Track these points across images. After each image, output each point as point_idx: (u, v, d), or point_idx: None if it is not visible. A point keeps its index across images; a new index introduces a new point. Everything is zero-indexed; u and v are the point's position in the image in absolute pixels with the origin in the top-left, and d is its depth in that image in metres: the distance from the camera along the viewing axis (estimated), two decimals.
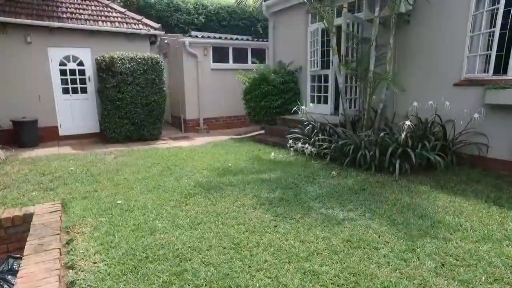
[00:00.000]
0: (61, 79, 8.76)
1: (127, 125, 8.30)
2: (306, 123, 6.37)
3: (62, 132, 8.91)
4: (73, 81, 8.92)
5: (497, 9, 4.98)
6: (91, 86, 9.10)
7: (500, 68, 5.18)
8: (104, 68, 7.93)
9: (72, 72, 8.88)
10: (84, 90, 9.07)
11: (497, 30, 4.99)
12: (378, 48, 5.74)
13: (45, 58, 8.48)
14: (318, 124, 6.24)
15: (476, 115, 4.91)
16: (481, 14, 5.21)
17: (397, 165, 4.63)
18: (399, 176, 4.62)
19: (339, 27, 6.59)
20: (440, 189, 4.20)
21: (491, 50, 5.10)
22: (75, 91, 8.97)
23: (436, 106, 5.40)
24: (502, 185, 4.29)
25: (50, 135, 8.66)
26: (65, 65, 8.77)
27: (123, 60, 7.96)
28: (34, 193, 4.30)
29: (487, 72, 5.19)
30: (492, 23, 5.13)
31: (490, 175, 4.78)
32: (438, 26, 5.65)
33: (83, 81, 9.02)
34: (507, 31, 5.07)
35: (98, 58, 8.13)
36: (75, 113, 9.05)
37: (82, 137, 9.08)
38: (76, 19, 8.84)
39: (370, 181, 4.52)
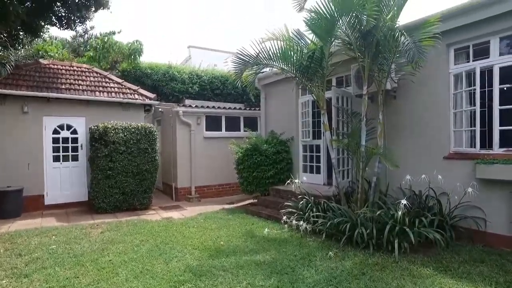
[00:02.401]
0: (53, 147, 8.73)
1: (116, 194, 8.09)
2: (300, 196, 6.28)
3: (48, 201, 8.60)
4: (65, 149, 8.88)
5: (474, 90, 5.29)
6: (82, 154, 9.05)
7: (486, 142, 5.35)
8: (97, 138, 7.95)
9: (65, 140, 8.88)
10: (75, 158, 8.99)
11: (477, 109, 5.23)
12: (369, 122, 5.93)
13: (40, 127, 8.53)
14: (312, 198, 6.16)
15: (469, 189, 4.91)
16: (460, 94, 5.52)
17: (396, 245, 4.47)
18: (398, 256, 4.43)
19: (329, 100, 6.87)
20: (444, 272, 4.00)
21: (474, 126, 5.30)
22: (66, 159, 8.88)
23: (429, 179, 5.42)
24: (509, 266, 4.11)
25: (35, 205, 8.33)
26: (59, 133, 8.80)
27: (116, 129, 8.03)
28: (4, 281, 3.93)
29: (474, 147, 5.32)
30: (472, 102, 5.41)
31: (492, 252, 4.63)
32: (423, 102, 5.93)
33: (75, 149, 8.99)
34: (486, 109, 5.35)
35: (92, 127, 8.21)
36: (64, 181, 8.84)
37: (68, 206, 8.75)
38: (74, 89, 9.11)
39: (369, 263, 4.31)
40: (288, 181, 6.25)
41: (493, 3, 4.92)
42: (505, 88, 5.06)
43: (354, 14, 5.24)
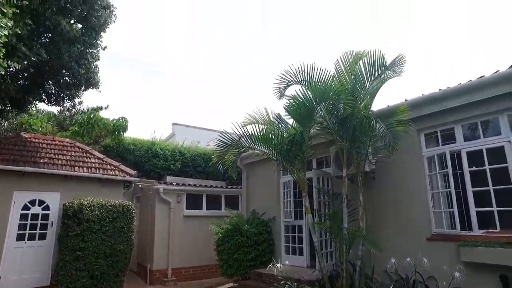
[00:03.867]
0: (20, 224, 8.13)
1: (84, 278, 7.38)
2: (282, 282, 5.92)
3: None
4: (33, 227, 8.27)
5: (447, 172, 5.56)
6: (51, 232, 8.43)
7: (466, 224, 5.40)
8: (71, 215, 7.55)
9: (35, 216, 8.34)
10: (42, 237, 8.34)
11: (453, 190, 5.40)
12: (350, 203, 5.97)
13: (8, 203, 8.06)
14: (295, 284, 5.80)
15: (456, 274, 4.77)
16: (435, 175, 5.76)
17: None
18: None
19: (310, 180, 6.98)
20: None
21: (452, 207, 5.41)
22: (32, 237, 8.20)
23: (414, 262, 5.26)
24: None
25: None
26: (29, 209, 8.31)
27: (92, 207, 7.71)
28: None
29: (455, 228, 5.35)
30: (447, 183, 5.62)
31: None
32: (402, 183, 6.10)
33: (44, 227, 8.40)
34: (460, 190, 5.54)
35: (67, 203, 7.85)
36: (25, 263, 8.03)
37: None
38: (53, 164, 8.93)
39: None
40: (270, 265, 5.94)
41: (448, 97, 5.48)
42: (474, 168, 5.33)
43: (331, 102, 5.69)
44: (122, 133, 13.06)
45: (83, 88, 10.55)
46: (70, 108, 17.74)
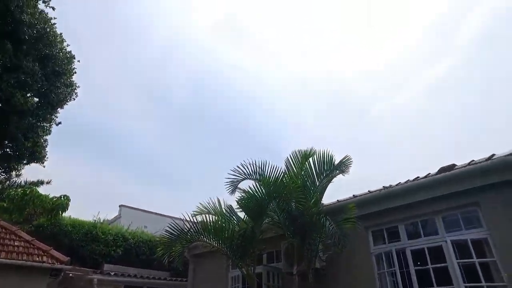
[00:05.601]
0: None
1: None
2: None
3: None
4: None
5: (394, 270, 5.59)
6: None
7: None
8: None
9: None
10: None
11: None
12: None
13: None
14: None
15: None
16: (384, 273, 5.76)
17: None
18: None
19: (260, 275, 6.62)
20: None
21: None
22: None
23: None
24: None
25: None
26: None
27: None
28: None
29: None
30: (395, 282, 5.60)
31: None
32: (352, 280, 5.98)
33: None
34: None
35: None
36: None
37: None
38: None
39: None
40: None
41: (390, 197, 5.83)
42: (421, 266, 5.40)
43: (283, 198, 5.82)
44: (61, 212, 11.87)
45: (25, 162, 9.86)
46: (4, 181, 16.09)
